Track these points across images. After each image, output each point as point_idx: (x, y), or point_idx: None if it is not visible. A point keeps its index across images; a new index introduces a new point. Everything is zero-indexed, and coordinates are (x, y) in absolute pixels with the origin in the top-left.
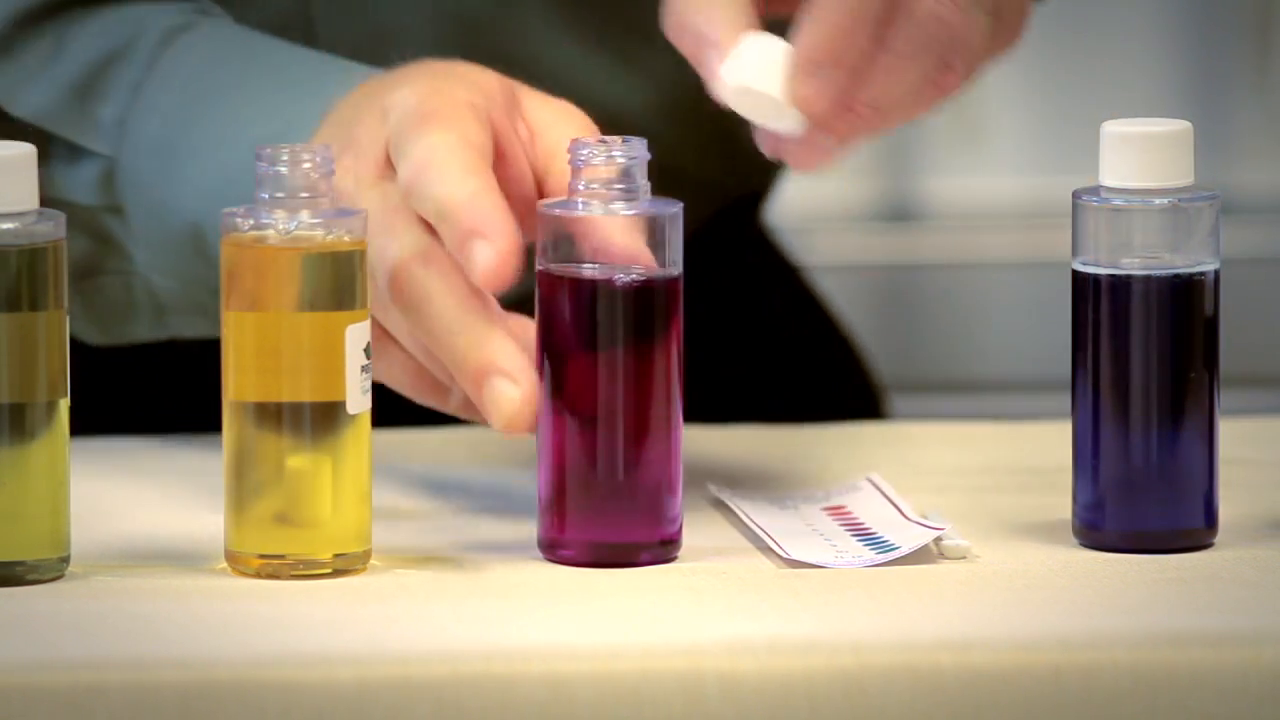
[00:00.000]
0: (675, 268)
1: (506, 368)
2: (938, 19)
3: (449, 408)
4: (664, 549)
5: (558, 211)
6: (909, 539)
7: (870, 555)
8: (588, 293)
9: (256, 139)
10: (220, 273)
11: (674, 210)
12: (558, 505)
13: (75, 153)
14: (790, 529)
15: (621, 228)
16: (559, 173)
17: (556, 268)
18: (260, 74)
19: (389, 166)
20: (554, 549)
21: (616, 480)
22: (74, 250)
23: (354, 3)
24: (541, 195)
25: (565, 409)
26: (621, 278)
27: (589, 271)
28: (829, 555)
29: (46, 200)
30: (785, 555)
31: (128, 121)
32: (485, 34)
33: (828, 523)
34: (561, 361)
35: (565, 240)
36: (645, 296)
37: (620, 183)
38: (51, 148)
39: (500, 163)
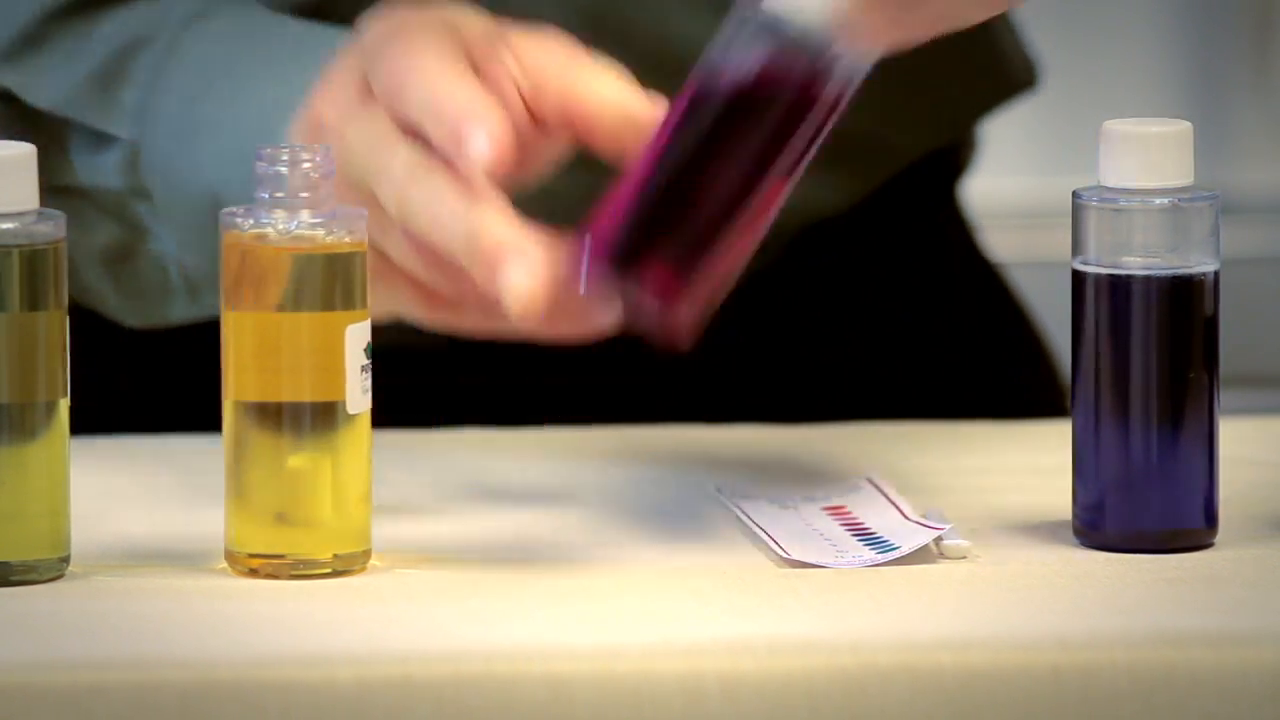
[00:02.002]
0: None
1: (519, 246)
2: None
3: (465, 323)
4: None
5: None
6: (909, 539)
7: (870, 555)
8: None
9: (271, 103)
10: (220, 272)
11: None
12: None
13: (99, 139)
14: (790, 529)
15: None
16: (553, 92)
17: None
18: (277, 44)
19: (369, 94)
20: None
21: None
22: (104, 236)
23: None
24: (533, 117)
25: None
26: None
27: None
28: (829, 555)
29: (71, 188)
30: (785, 556)
31: (149, 104)
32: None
33: (828, 523)
34: None
35: None
36: None
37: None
38: (74, 136)
39: (480, 78)
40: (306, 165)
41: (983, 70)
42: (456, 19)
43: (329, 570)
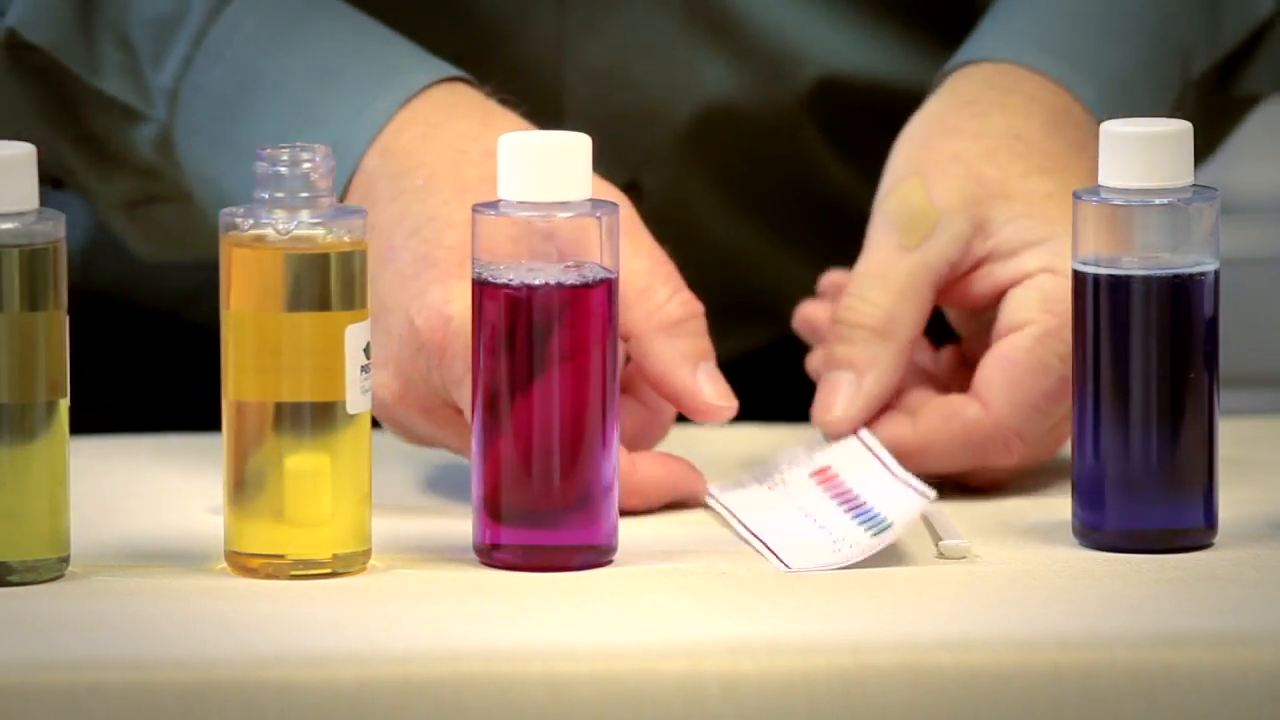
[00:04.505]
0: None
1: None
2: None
3: None
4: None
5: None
6: (899, 509)
7: (866, 540)
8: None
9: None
10: (220, 272)
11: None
12: None
13: (129, 116)
14: (783, 525)
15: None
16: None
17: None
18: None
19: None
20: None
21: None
22: (123, 183)
23: None
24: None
25: None
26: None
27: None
28: (827, 553)
29: (109, 154)
30: (787, 568)
31: (180, 94)
32: None
33: (818, 498)
34: None
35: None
36: None
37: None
38: (109, 106)
39: None
40: (306, 165)
41: None
42: None
43: (329, 570)
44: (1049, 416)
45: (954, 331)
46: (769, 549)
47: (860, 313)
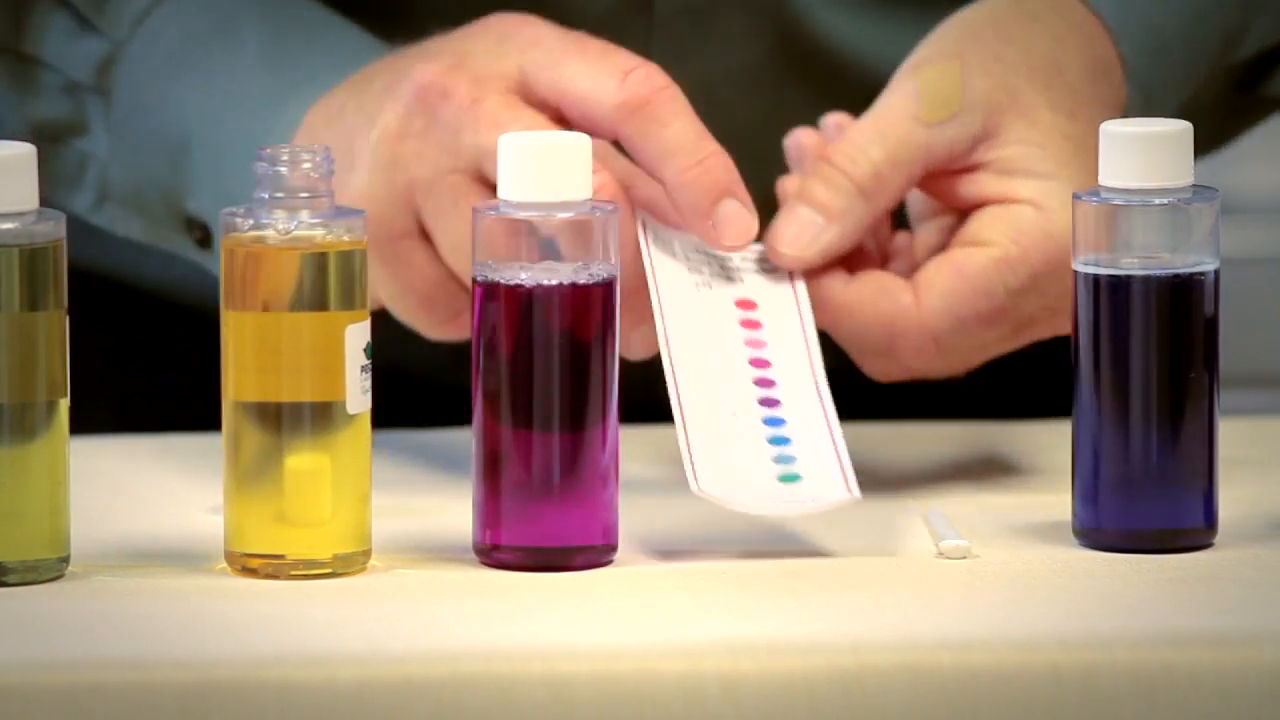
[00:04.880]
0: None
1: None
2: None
3: (440, 329)
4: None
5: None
6: (815, 472)
7: (785, 504)
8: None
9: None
10: (220, 272)
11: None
12: None
13: (83, 27)
14: (712, 431)
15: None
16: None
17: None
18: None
19: (525, 93)
20: None
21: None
22: (44, 111)
23: None
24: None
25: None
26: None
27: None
28: (742, 494)
29: (29, 56)
30: (696, 488)
31: (148, 19)
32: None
33: (753, 418)
34: None
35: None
36: None
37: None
38: (58, 16)
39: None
40: (306, 165)
41: None
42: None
43: (329, 570)
44: (972, 337)
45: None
46: (690, 456)
47: (853, 163)
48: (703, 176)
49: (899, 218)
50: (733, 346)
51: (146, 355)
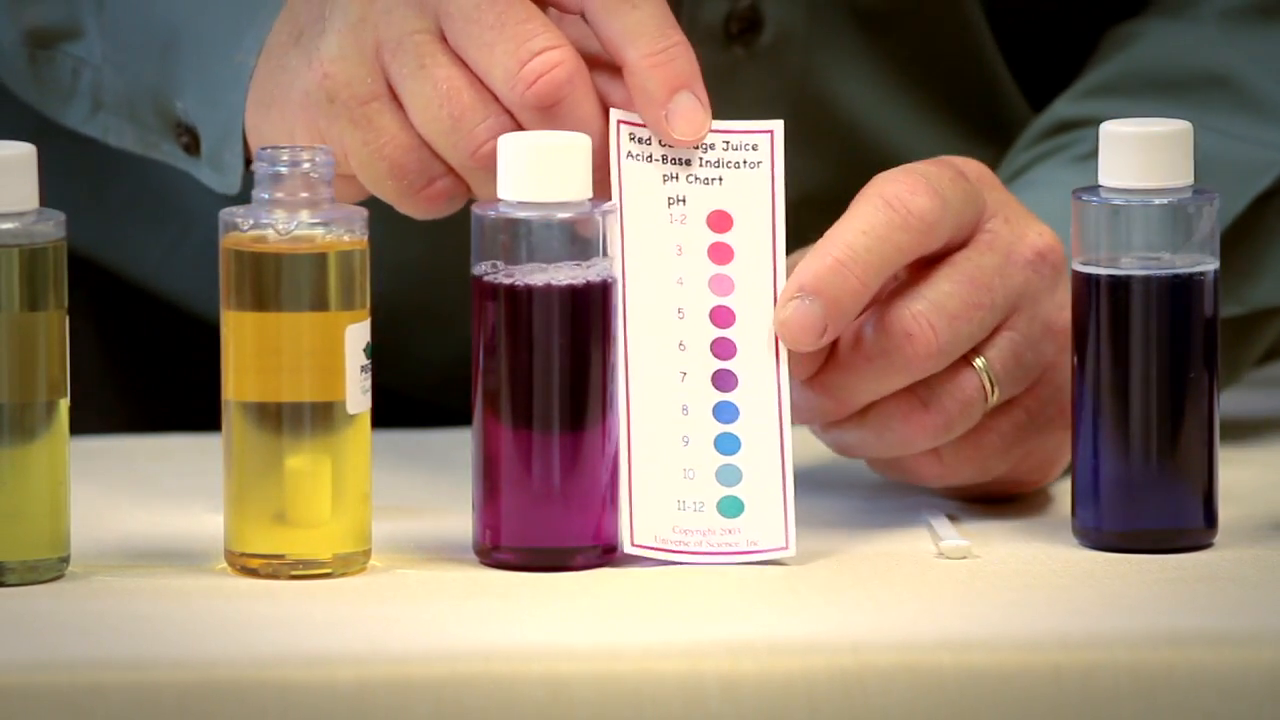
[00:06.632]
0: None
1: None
2: (909, 336)
3: (412, 199)
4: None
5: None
6: (758, 529)
7: (716, 552)
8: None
9: None
10: (220, 271)
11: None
12: None
13: None
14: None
15: None
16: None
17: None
18: None
19: None
20: None
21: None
22: (38, 16)
23: None
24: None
25: None
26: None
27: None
28: (675, 535)
29: None
30: (631, 545)
31: None
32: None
33: (701, 451)
34: None
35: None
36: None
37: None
38: None
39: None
40: (306, 165)
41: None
42: None
43: (329, 570)
44: (959, 321)
45: None
46: (631, 507)
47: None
48: (664, 64)
49: None
50: (697, 313)
51: (146, 355)
